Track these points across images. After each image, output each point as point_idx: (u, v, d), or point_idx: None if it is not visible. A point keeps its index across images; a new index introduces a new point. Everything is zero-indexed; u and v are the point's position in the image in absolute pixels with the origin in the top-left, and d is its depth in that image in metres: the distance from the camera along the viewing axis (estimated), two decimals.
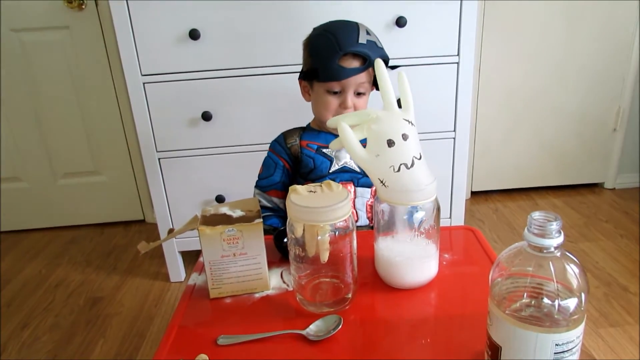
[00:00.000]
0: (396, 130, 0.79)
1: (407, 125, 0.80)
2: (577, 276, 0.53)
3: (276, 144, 1.23)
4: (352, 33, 1.08)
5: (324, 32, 1.12)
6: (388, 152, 0.78)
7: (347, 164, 1.17)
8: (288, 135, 1.22)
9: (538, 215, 0.54)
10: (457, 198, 1.85)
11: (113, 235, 2.45)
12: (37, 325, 1.78)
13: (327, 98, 1.13)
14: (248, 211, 0.83)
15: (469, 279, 0.87)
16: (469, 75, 1.70)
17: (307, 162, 1.17)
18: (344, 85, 1.10)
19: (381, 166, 0.78)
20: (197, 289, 0.87)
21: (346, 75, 1.08)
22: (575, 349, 0.54)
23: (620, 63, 2.41)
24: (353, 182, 1.17)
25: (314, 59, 1.12)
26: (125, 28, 1.59)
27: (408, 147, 0.78)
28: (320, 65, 1.10)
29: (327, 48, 1.08)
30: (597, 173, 2.64)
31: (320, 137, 1.20)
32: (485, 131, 2.50)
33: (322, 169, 1.16)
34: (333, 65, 1.07)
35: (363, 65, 1.08)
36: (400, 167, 0.77)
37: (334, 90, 1.12)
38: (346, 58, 1.08)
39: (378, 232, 0.83)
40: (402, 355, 0.68)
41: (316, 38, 1.13)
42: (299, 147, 1.19)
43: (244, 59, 1.64)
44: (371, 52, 1.07)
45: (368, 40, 1.08)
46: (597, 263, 1.96)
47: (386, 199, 0.78)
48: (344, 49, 1.06)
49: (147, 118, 1.69)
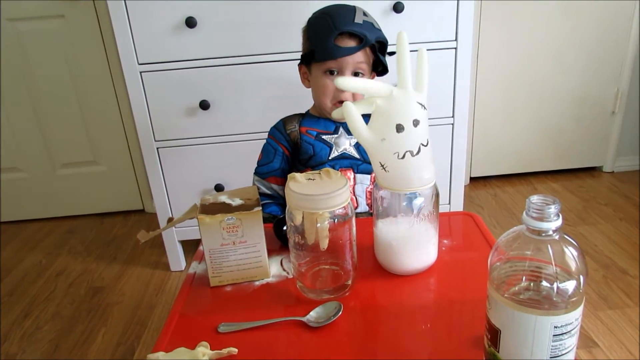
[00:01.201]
0: (408, 114, 0.75)
1: (420, 109, 0.76)
2: (576, 259, 0.53)
3: (275, 131, 1.23)
4: (348, 14, 1.09)
5: (321, 14, 1.13)
6: (395, 137, 0.74)
7: (347, 150, 1.17)
8: (287, 122, 1.22)
9: (536, 198, 0.54)
10: (456, 184, 1.85)
11: (113, 225, 2.45)
12: (39, 314, 1.79)
13: (325, 80, 1.13)
14: (247, 199, 0.83)
15: (468, 265, 0.87)
16: (467, 60, 1.69)
17: (306, 148, 1.17)
18: (341, 65, 1.10)
19: (385, 151, 0.76)
20: (197, 277, 0.87)
21: (342, 53, 1.08)
22: (574, 331, 0.54)
23: (618, 46, 2.40)
24: (352, 168, 1.17)
25: (311, 40, 1.13)
26: (122, 17, 1.58)
27: (417, 134, 0.75)
28: (317, 45, 1.10)
29: (324, 28, 1.09)
30: (596, 156, 2.64)
31: (319, 124, 1.19)
32: (484, 116, 2.50)
33: (322, 155, 1.16)
34: (329, 44, 1.08)
35: (359, 44, 1.08)
36: (405, 154, 0.75)
37: (331, 70, 1.12)
38: (342, 37, 1.08)
39: (377, 219, 0.83)
40: (402, 341, 0.69)
41: (314, 20, 1.15)
42: (299, 133, 1.19)
43: (242, 46, 1.63)
44: (368, 33, 1.08)
45: (365, 21, 1.09)
46: (596, 246, 1.96)
47: (385, 185, 0.78)
48: (340, 27, 1.07)
49: (145, 107, 1.69)
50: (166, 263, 2.03)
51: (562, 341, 0.54)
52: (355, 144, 1.18)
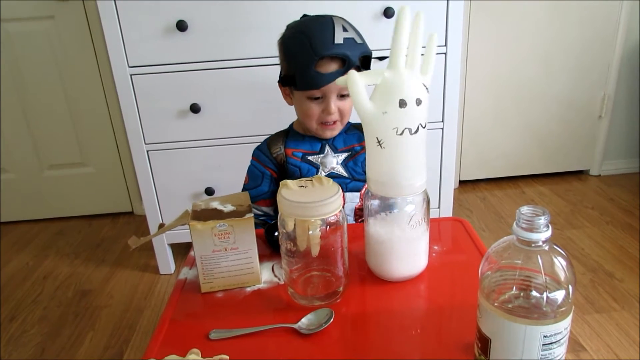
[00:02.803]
0: (412, 91, 0.74)
1: (424, 90, 0.76)
2: (565, 269, 0.54)
3: (260, 154, 1.18)
4: (326, 32, 1.00)
5: (297, 33, 1.04)
6: (397, 112, 0.74)
7: (335, 169, 1.13)
8: (272, 144, 1.17)
9: (526, 209, 0.55)
10: (446, 188, 1.86)
11: (101, 227, 2.44)
12: (25, 317, 1.78)
13: (309, 105, 1.06)
14: (239, 206, 0.83)
15: (458, 270, 0.88)
16: (457, 65, 1.70)
17: (293, 171, 1.14)
18: (325, 91, 1.04)
19: (385, 125, 0.75)
20: (188, 283, 0.87)
21: (325, 81, 1.01)
22: (562, 340, 0.55)
23: (605, 51, 2.43)
24: (341, 187, 1.17)
25: (290, 64, 1.06)
26: (112, 19, 1.57)
27: (418, 114, 0.75)
28: (297, 72, 1.03)
29: (302, 53, 1.01)
30: (583, 160, 2.67)
31: (304, 143, 1.15)
32: (473, 121, 2.51)
33: (309, 176, 1.14)
34: (310, 72, 1.00)
35: (343, 67, 1.01)
36: (404, 131, 0.74)
37: (315, 97, 1.05)
38: (323, 62, 1.01)
39: (368, 225, 0.83)
40: (393, 347, 0.69)
41: (290, 40, 1.06)
42: (284, 156, 1.14)
43: (233, 50, 1.63)
44: (350, 52, 1.00)
45: (345, 38, 1.00)
46: (583, 250, 1.99)
47: (377, 191, 0.79)
48: (320, 52, 0.99)
49: (135, 110, 1.68)
50: (155, 266, 2.02)
51: (551, 350, 0.55)
52: (342, 162, 1.14)
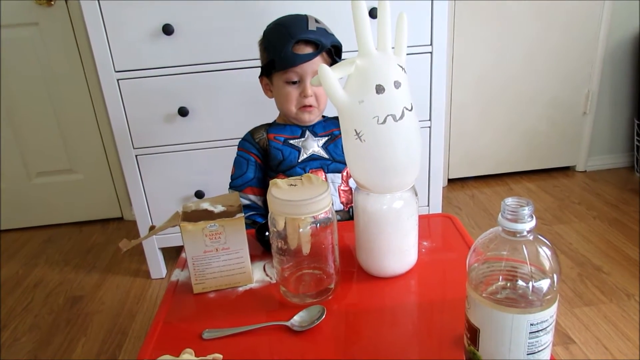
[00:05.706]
0: (389, 74, 0.71)
1: (400, 71, 0.73)
2: (549, 258, 0.55)
3: (244, 142, 1.25)
4: (301, 22, 1.13)
5: (275, 26, 1.18)
6: (375, 99, 0.69)
7: (315, 151, 1.19)
8: (255, 132, 1.24)
9: (511, 201, 0.56)
10: (435, 186, 1.88)
11: (91, 233, 2.43)
12: (16, 326, 1.76)
13: (287, 89, 1.15)
14: (229, 206, 0.84)
15: (447, 265, 0.89)
16: (443, 64, 1.72)
17: (275, 154, 1.19)
18: (302, 74, 1.13)
19: (363, 115, 0.71)
20: (180, 284, 0.88)
21: (300, 60, 1.11)
22: (549, 328, 0.56)
23: (588, 49, 2.46)
24: (323, 169, 1.19)
25: (269, 52, 1.16)
26: (97, 24, 1.57)
27: (400, 97, 0.71)
28: (275, 55, 1.13)
29: (280, 38, 1.12)
30: (569, 156, 2.70)
31: (286, 130, 1.21)
32: (460, 119, 2.54)
33: (291, 159, 1.18)
34: (287, 53, 1.11)
35: (316, 50, 1.12)
36: (386, 118, 0.70)
37: (293, 80, 1.14)
38: (298, 46, 1.12)
39: (358, 222, 0.84)
40: (385, 342, 0.70)
41: (269, 32, 1.18)
42: (267, 139, 1.21)
43: (220, 53, 1.64)
44: (322, 38, 1.12)
45: (318, 27, 1.13)
46: (571, 244, 2.01)
47: (365, 188, 0.80)
48: (295, 36, 1.10)
49: (123, 115, 1.68)
50: (147, 271, 2.01)
51: (538, 338, 0.56)
52: (323, 145, 1.20)
